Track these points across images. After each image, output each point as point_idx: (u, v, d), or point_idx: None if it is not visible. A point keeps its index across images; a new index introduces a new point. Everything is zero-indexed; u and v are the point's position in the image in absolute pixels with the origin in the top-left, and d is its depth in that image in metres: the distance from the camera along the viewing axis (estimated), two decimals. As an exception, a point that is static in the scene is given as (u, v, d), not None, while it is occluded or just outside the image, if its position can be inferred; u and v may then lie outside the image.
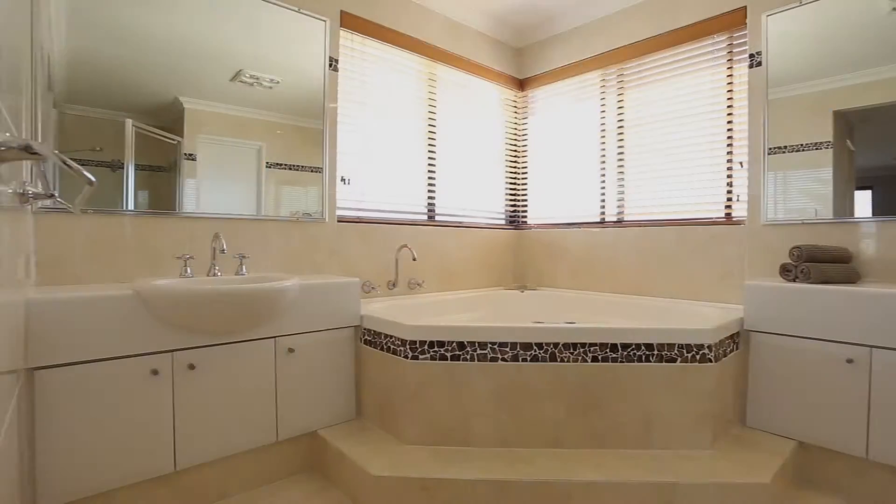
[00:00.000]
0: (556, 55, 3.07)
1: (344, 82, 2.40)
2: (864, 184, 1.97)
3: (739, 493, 1.45)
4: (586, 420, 1.66)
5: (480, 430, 1.68)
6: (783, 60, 2.15)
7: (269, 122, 2.12)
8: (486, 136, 3.14)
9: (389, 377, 1.80)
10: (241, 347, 1.66)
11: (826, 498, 1.67)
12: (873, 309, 1.62)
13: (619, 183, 2.79)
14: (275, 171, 2.15)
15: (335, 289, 1.92)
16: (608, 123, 2.84)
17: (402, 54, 2.64)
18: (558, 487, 1.46)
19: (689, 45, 2.48)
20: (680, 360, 1.66)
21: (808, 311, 1.76)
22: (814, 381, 1.74)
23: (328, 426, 1.89)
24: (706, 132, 2.43)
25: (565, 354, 1.65)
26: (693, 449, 1.66)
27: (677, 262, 2.49)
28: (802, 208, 2.10)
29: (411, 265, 2.65)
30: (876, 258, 1.90)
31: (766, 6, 2.18)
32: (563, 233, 3.03)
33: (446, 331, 1.69)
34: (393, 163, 2.64)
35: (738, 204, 2.33)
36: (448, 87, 2.90)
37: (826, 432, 1.71)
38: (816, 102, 2.07)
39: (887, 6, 1.89)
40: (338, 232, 2.35)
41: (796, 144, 2.11)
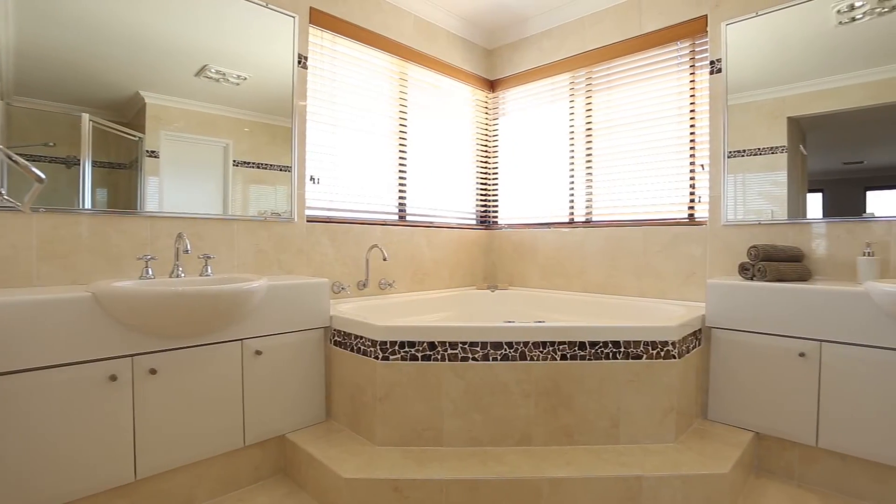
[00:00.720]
0: (526, 57, 3.11)
1: (314, 80, 2.36)
2: (815, 187, 2.07)
3: (701, 484, 1.50)
4: (556, 417, 1.69)
5: (452, 430, 1.68)
6: (741, 68, 2.23)
7: (237, 119, 2.07)
8: (458, 136, 3.15)
9: (360, 378, 1.79)
10: (206, 350, 1.62)
11: (780, 485, 1.76)
12: (823, 305, 1.70)
13: (587, 184, 2.84)
14: (242, 170, 2.10)
15: (304, 289, 1.89)
16: (577, 125, 2.89)
17: (374, 53, 2.63)
18: (529, 485, 1.48)
19: (655, 51, 2.55)
20: (646, 356, 1.71)
21: (764, 307, 1.84)
22: (769, 374, 1.83)
23: (297, 429, 1.86)
24: (670, 135, 2.51)
25: (535, 353, 1.68)
26: (658, 443, 1.71)
27: (644, 261, 2.56)
28: (760, 209, 2.19)
29: (382, 265, 2.64)
30: (826, 257, 2.01)
31: (726, 15, 2.27)
32: (533, 233, 3.07)
33: (417, 331, 1.68)
34: (364, 162, 2.61)
35: (700, 205, 2.41)
36: (419, 86, 2.89)
37: (780, 423, 1.79)
38: (772, 109, 2.16)
39: (834, 20, 1.99)
40: (307, 232, 2.31)
41: (754, 148, 2.21)
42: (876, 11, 1.91)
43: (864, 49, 1.93)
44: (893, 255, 1.86)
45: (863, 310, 1.63)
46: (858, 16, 1.94)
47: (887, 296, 1.54)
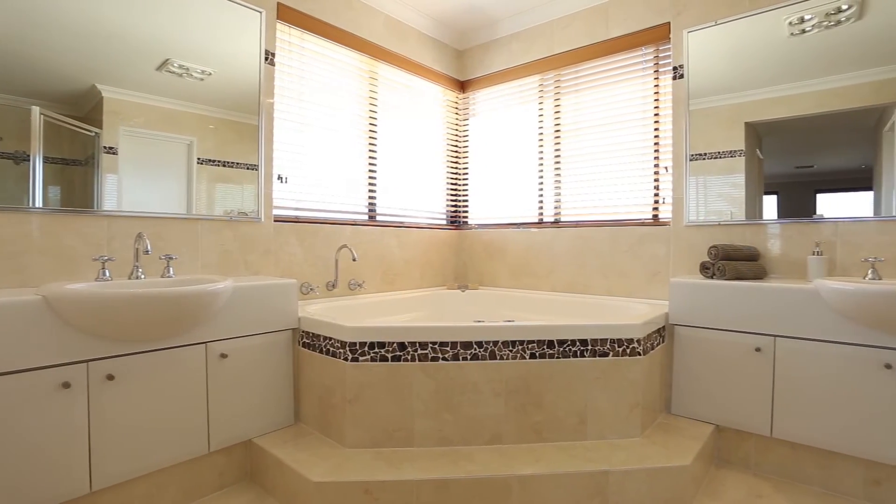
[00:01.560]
0: (496, 59, 3.13)
1: (281, 77, 2.32)
2: (770, 189, 2.17)
3: (664, 476, 1.55)
4: (525, 415, 1.71)
5: (423, 430, 1.68)
6: (702, 74, 2.32)
7: (201, 115, 2.01)
8: (428, 136, 3.15)
9: (329, 380, 1.76)
10: (169, 354, 1.56)
11: (737, 474, 1.83)
12: (777, 302, 1.79)
13: (556, 184, 2.89)
14: (207, 168, 2.04)
15: (271, 290, 1.86)
16: (546, 127, 2.94)
17: (343, 51, 2.60)
18: (499, 483, 1.49)
19: (621, 56, 2.62)
20: (612, 354, 1.75)
21: (723, 305, 1.91)
22: (728, 369, 1.90)
23: (265, 433, 1.82)
24: (636, 138, 2.58)
25: (504, 352, 1.70)
26: (624, 437, 1.76)
27: (611, 260, 2.63)
28: (720, 210, 2.28)
29: (351, 266, 2.61)
30: (780, 256, 2.10)
31: (687, 23, 2.35)
32: (503, 233, 3.10)
33: (387, 331, 1.67)
34: (333, 162, 2.58)
35: (664, 206, 2.49)
36: (390, 86, 2.88)
37: (738, 415, 1.87)
38: (731, 114, 2.25)
39: (786, 32, 2.09)
40: (275, 232, 2.27)
41: (714, 152, 2.29)
42: (823, 25, 2.01)
43: (813, 60, 2.04)
44: (839, 254, 1.96)
45: (812, 306, 1.71)
46: (808, 28, 2.05)
47: (834, 293, 1.63)
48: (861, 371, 1.63)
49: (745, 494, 1.69)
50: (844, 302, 1.61)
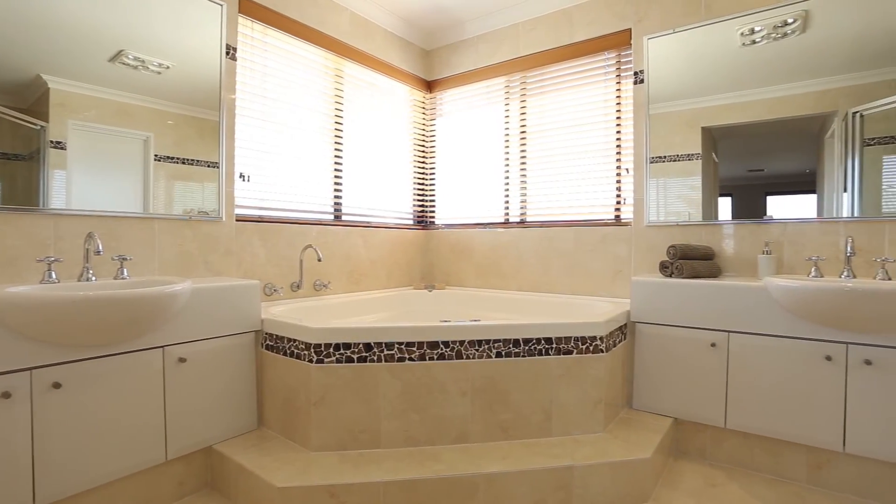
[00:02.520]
0: (463, 60, 3.15)
1: (243, 72, 2.25)
2: (725, 191, 2.27)
3: (626, 469, 1.60)
4: (492, 413, 1.72)
5: (389, 431, 1.67)
6: (662, 79, 2.40)
7: (159, 110, 1.93)
8: (395, 135, 3.14)
9: (293, 383, 1.73)
10: (122, 360, 1.49)
11: (694, 465, 1.90)
12: (730, 299, 1.87)
13: (522, 185, 2.93)
14: (165, 165, 1.96)
15: (233, 292, 1.80)
16: (512, 128, 2.97)
17: (308, 48, 2.55)
18: (466, 481, 1.50)
19: (584, 60, 2.68)
20: (576, 352, 1.79)
21: (681, 303, 1.98)
22: (685, 364, 1.97)
23: (226, 439, 1.76)
24: (599, 140, 2.64)
25: (471, 351, 1.71)
26: (588, 433, 1.80)
27: (575, 260, 2.68)
28: (679, 211, 2.36)
29: (317, 266, 2.57)
30: (733, 255, 2.20)
31: (647, 30, 2.43)
32: (469, 233, 3.12)
33: (353, 332, 1.66)
34: (297, 160, 2.53)
35: (625, 207, 2.56)
36: (356, 84, 2.85)
37: (695, 408, 1.95)
38: (688, 119, 2.34)
39: (739, 42, 2.19)
40: (237, 232, 2.21)
41: (673, 155, 2.37)
42: (771, 37, 2.12)
43: (763, 69, 2.14)
44: (787, 253, 2.07)
45: (762, 303, 1.80)
46: (758, 39, 2.15)
47: (780, 290, 1.72)
48: (805, 363, 1.73)
49: (702, 484, 1.76)
50: (790, 298, 1.70)
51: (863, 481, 1.67)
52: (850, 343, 1.65)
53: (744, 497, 1.67)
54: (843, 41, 1.97)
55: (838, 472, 1.71)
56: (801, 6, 2.05)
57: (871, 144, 1.93)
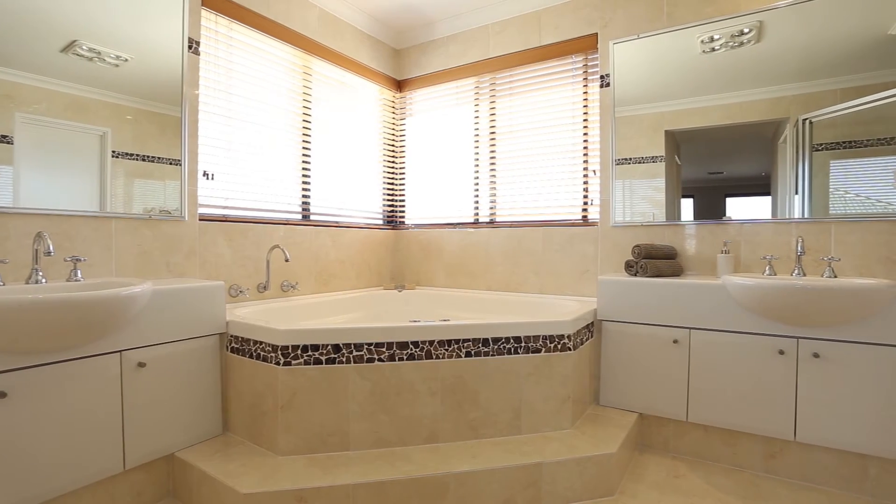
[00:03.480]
0: (433, 60, 3.15)
1: (207, 68, 2.19)
2: (687, 193, 2.35)
3: (593, 464, 1.63)
4: (462, 413, 1.73)
5: (359, 433, 1.65)
6: (627, 83, 2.46)
7: (117, 104, 1.85)
8: (364, 135, 3.11)
9: (260, 386, 1.69)
10: (76, 366, 1.43)
11: (658, 458, 1.96)
12: (691, 296, 1.94)
13: (491, 185, 2.96)
14: (124, 162, 1.88)
15: (196, 294, 1.75)
16: (482, 128, 2.99)
17: (275, 44, 2.50)
18: (436, 481, 1.50)
19: (553, 62, 2.72)
20: (544, 350, 1.82)
21: (645, 300, 2.04)
22: (650, 360, 2.03)
23: (189, 446, 1.71)
24: (566, 142, 2.69)
25: (440, 351, 1.71)
26: (556, 430, 1.83)
27: (543, 259, 2.72)
28: (644, 212, 2.43)
29: (284, 267, 2.52)
30: (695, 254, 2.28)
31: (613, 35, 2.49)
32: (439, 233, 3.12)
33: (321, 333, 1.63)
34: (264, 159, 2.48)
35: (592, 207, 2.62)
36: (325, 82, 2.81)
37: (659, 403, 2.01)
38: (653, 122, 2.41)
39: (699, 49, 2.27)
40: (200, 231, 2.14)
41: (638, 157, 2.44)
42: (729, 45, 2.21)
43: (722, 76, 2.23)
44: (744, 252, 2.16)
45: (721, 300, 1.87)
46: (717, 47, 2.23)
47: (737, 287, 1.80)
48: (760, 358, 1.81)
49: (665, 475, 1.82)
50: (746, 295, 1.78)
51: (812, 468, 1.76)
52: (801, 338, 1.74)
53: (704, 487, 1.73)
54: (794, 52, 2.07)
55: (790, 459, 1.80)
56: (755, 17, 2.14)
57: (820, 150, 2.03)
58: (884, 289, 1.58)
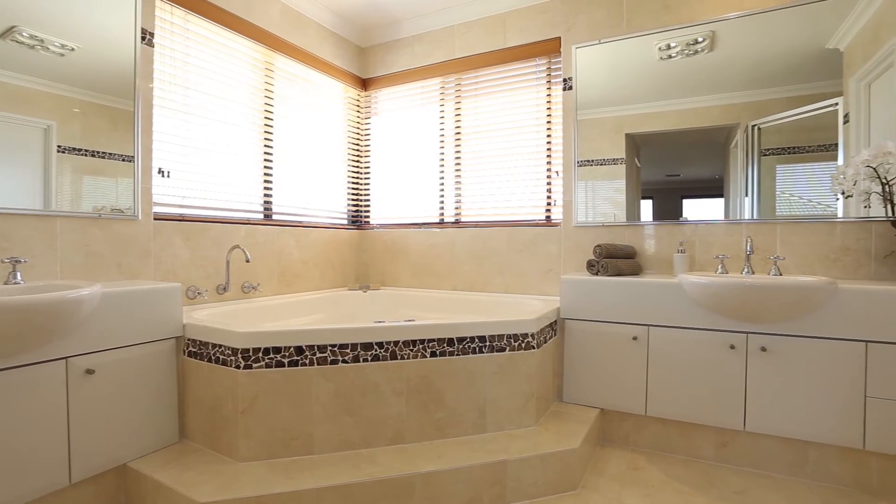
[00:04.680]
0: (398, 59, 3.13)
1: (162, 61, 2.10)
2: (647, 194, 2.43)
3: (556, 460, 1.66)
4: (427, 413, 1.73)
5: (322, 436, 1.63)
6: (589, 87, 2.52)
7: (63, 96, 1.75)
8: (329, 133, 3.06)
9: (219, 391, 1.64)
10: (15, 374, 1.34)
11: (619, 451, 2.02)
12: (650, 294, 2.00)
13: (456, 186, 2.97)
14: (71, 158, 1.78)
15: (150, 296, 1.68)
16: (447, 129, 3.00)
17: (235, 38, 2.42)
18: (402, 482, 1.49)
19: (517, 65, 2.76)
20: (509, 349, 1.84)
21: (606, 299, 2.10)
22: (610, 357, 2.09)
23: (143, 455, 1.64)
24: (530, 143, 2.74)
25: (405, 351, 1.70)
26: (521, 427, 1.85)
27: (508, 259, 2.76)
28: (606, 213, 2.50)
29: (245, 267, 2.45)
30: (653, 254, 2.36)
31: (575, 39, 2.54)
32: (404, 233, 3.11)
33: (283, 335, 1.60)
34: (224, 156, 2.40)
35: (556, 208, 2.67)
36: (287, 79, 2.75)
37: (619, 399, 2.07)
38: (613, 125, 2.47)
39: (657, 56, 2.36)
40: (155, 231, 2.05)
41: (600, 159, 2.50)
42: (685, 53, 2.30)
43: (679, 82, 2.32)
44: (698, 251, 2.25)
45: (677, 298, 1.95)
46: (673, 54, 2.32)
47: (692, 285, 1.87)
48: (713, 352, 1.89)
49: (625, 468, 1.87)
50: (699, 293, 1.86)
51: (760, 455, 1.86)
52: (750, 333, 1.83)
53: (662, 478, 1.80)
54: (744, 61, 2.18)
55: (739, 448, 1.89)
56: (709, 27, 2.24)
57: (767, 154, 2.15)
58: (823, 286, 1.68)
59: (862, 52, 1.97)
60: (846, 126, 2.01)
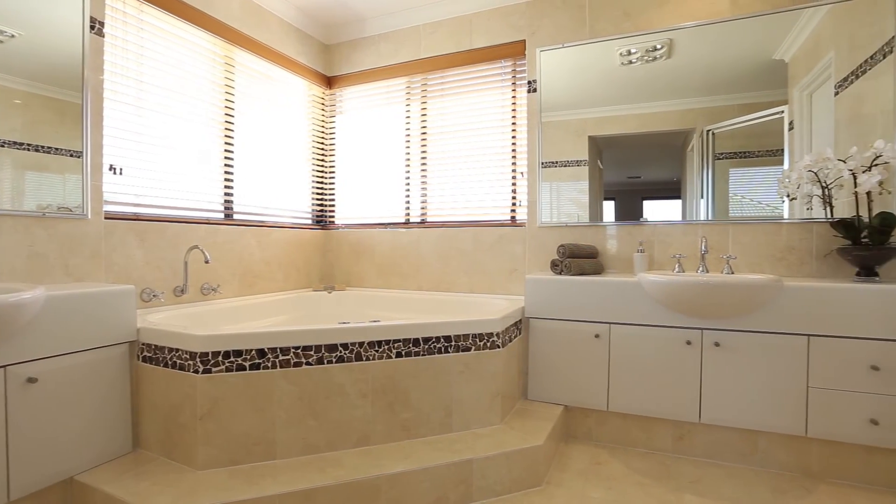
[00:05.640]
0: (364, 57, 3.10)
1: (114, 51, 2.01)
2: (609, 195, 2.49)
3: (521, 457, 1.69)
4: (393, 414, 1.72)
5: (286, 441, 1.59)
6: (553, 90, 2.57)
7: (2, 86, 1.65)
8: (292, 131, 3.00)
9: (176, 397, 1.58)
10: (-51, 383, 1.25)
11: (582, 446, 2.07)
12: (611, 293, 2.06)
13: (422, 186, 2.97)
14: (12, 152, 1.67)
15: (100, 299, 1.60)
16: (413, 129, 2.99)
17: (193, 31, 2.34)
18: (367, 484, 1.48)
19: (483, 66, 2.78)
20: (474, 348, 1.85)
21: (569, 298, 2.14)
22: (574, 355, 2.14)
23: (93, 467, 1.56)
24: (496, 144, 2.76)
25: (371, 352, 1.69)
26: (486, 426, 1.87)
27: (473, 259, 2.78)
28: (570, 213, 2.55)
29: (205, 268, 2.37)
30: (615, 254, 2.43)
31: (540, 42, 2.59)
32: (370, 233, 3.08)
33: (244, 338, 1.55)
34: (181, 153, 2.31)
35: (521, 208, 2.70)
36: (249, 75, 2.67)
37: (582, 395, 2.12)
38: (577, 128, 2.53)
39: (618, 61, 2.42)
40: (106, 231, 1.96)
41: (564, 160, 2.55)
42: (644, 59, 2.37)
43: (639, 87, 2.39)
44: (657, 251, 2.33)
45: (637, 296, 2.01)
46: (634, 60, 2.40)
47: (650, 284, 1.94)
48: (670, 348, 1.96)
49: (588, 463, 1.92)
50: (658, 291, 1.92)
51: (714, 446, 1.94)
52: (705, 329, 1.91)
53: (623, 470, 1.85)
54: (700, 69, 2.27)
55: (695, 439, 1.97)
56: (666, 35, 2.32)
57: (721, 158, 2.24)
58: (770, 283, 1.78)
59: (805, 63, 2.09)
60: (791, 133, 2.12)
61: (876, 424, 1.69)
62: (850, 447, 1.77)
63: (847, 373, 1.73)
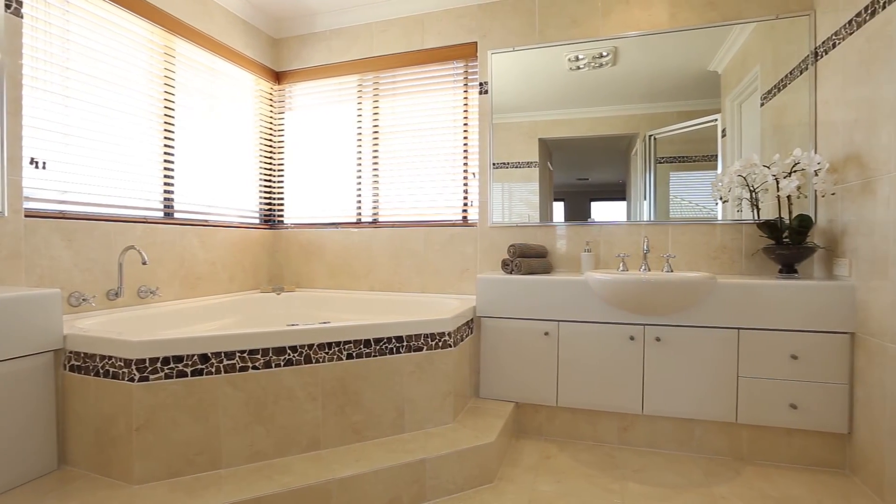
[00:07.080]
0: (315, 53, 3.03)
1: (35, 35, 1.85)
2: (559, 196, 2.56)
3: (473, 455, 1.70)
4: (344, 417, 1.69)
5: (231, 449, 1.53)
6: (504, 92, 2.61)
7: None
8: (239, 126, 2.89)
9: (109, 408, 1.48)
10: None
11: (533, 442, 2.12)
12: (559, 291, 2.12)
13: (374, 185, 2.93)
14: None
15: (18, 304, 1.47)
16: (364, 127, 2.95)
17: (127, 16, 2.20)
18: (317, 490, 1.44)
19: (435, 66, 2.79)
20: (426, 348, 1.85)
21: (519, 297, 2.18)
22: (524, 353, 2.18)
23: (9, 489, 1.43)
24: (448, 144, 2.78)
25: (320, 355, 1.65)
26: (439, 425, 1.87)
27: (425, 259, 2.78)
28: (521, 213, 2.60)
29: (141, 270, 2.23)
30: (564, 253, 2.50)
31: (491, 45, 2.62)
32: (320, 233, 3.02)
33: (184, 343, 1.48)
34: (115, 147, 2.16)
35: (472, 209, 2.73)
36: (191, 67, 2.54)
37: (532, 392, 2.16)
38: (528, 130, 2.58)
39: (567, 66, 2.50)
40: (27, 230, 1.80)
41: (515, 162, 2.60)
42: (591, 65, 2.46)
43: (587, 92, 2.47)
44: (603, 251, 2.43)
45: (584, 294, 2.08)
46: (581, 66, 2.48)
47: (596, 282, 2.01)
48: (615, 344, 2.04)
49: (538, 458, 1.96)
50: (603, 289, 2.00)
51: (656, 436, 2.04)
52: (647, 325, 2.00)
53: (571, 464, 1.91)
54: (642, 76, 2.38)
55: (639, 430, 2.06)
56: (611, 43, 2.42)
57: (662, 162, 2.36)
58: (706, 281, 1.89)
59: (735, 75, 2.24)
60: (724, 139, 2.27)
61: (795, 409, 1.84)
62: (773, 430, 1.91)
63: (771, 362, 1.87)
